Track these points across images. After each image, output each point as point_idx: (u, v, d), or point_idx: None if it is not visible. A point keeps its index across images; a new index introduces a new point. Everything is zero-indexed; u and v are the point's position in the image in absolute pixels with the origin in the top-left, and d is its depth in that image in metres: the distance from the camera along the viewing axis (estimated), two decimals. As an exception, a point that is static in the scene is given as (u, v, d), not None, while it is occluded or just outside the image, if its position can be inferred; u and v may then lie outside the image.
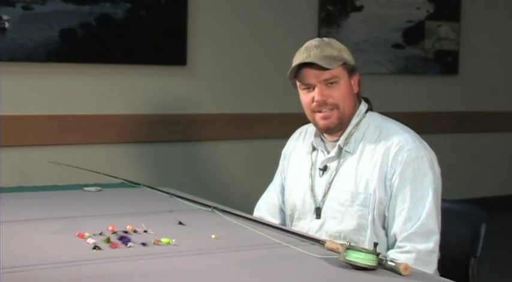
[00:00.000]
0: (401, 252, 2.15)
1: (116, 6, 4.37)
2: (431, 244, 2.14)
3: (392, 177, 2.20)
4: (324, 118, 2.28)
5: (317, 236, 2.24)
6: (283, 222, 2.48)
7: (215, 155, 4.83)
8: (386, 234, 2.22)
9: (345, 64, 2.26)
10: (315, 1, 5.14)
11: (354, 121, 2.31)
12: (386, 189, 2.20)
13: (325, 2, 5.16)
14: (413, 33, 5.58)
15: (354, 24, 5.30)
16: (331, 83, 2.25)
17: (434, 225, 2.16)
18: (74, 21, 4.27)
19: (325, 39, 2.31)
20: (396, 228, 2.18)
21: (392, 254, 2.16)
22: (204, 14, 4.71)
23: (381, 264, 1.76)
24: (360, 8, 5.32)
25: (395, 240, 2.18)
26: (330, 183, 2.30)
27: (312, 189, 2.34)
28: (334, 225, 2.27)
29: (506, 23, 6.06)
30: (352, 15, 5.30)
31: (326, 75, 2.24)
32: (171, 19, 4.56)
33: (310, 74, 2.25)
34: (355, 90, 2.32)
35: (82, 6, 4.28)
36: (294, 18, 5.06)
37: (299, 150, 2.47)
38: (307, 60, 2.23)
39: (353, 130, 2.30)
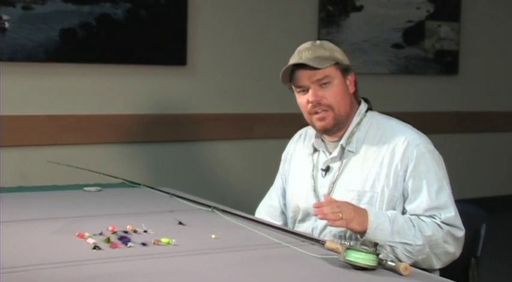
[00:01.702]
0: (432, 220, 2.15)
1: (116, 6, 4.37)
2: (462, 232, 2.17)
3: (404, 173, 2.20)
4: (320, 119, 2.28)
5: (321, 236, 2.24)
6: (285, 225, 2.47)
7: (215, 155, 4.82)
8: None
9: (337, 64, 2.27)
10: (315, 1, 5.13)
11: (355, 120, 2.31)
12: (398, 186, 2.20)
13: (325, 2, 5.16)
14: (413, 33, 5.58)
15: (354, 24, 5.30)
16: (325, 84, 2.25)
17: (458, 219, 2.18)
18: (74, 21, 4.27)
19: (318, 41, 2.32)
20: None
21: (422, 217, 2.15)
22: (204, 14, 4.71)
23: (381, 264, 1.76)
24: (360, 8, 5.32)
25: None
26: (334, 183, 2.30)
27: (315, 190, 2.34)
28: (340, 225, 2.27)
29: (506, 23, 6.06)
30: (352, 15, 5.30)
31: (318, 75, 2.24)
32: (171, 19, 4.56)
33: (302, 76, 2.26)
34: (351, 90, 2.32)
35: (82, 6, 4.27)
36: (294, 18, 5.06)
37: (300, 152, 2.47)
38: (298, 62, 2.24)
39: (354, 129, 2.31)
